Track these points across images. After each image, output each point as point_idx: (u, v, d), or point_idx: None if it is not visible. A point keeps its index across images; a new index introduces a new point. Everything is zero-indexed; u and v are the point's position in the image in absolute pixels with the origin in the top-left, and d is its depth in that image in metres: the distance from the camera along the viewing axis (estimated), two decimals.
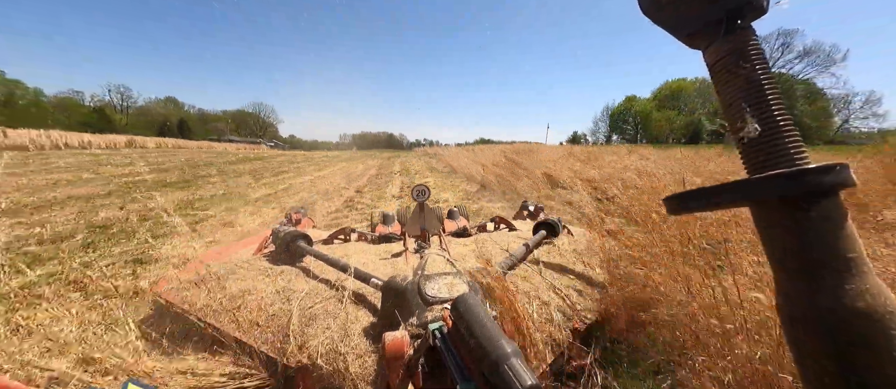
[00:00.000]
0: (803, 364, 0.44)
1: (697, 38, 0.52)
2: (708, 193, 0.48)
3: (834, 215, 0.42)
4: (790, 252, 0.44)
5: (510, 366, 0.70)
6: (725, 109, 0.50)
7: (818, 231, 0.42)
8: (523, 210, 3.58)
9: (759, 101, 0.46)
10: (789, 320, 0.45)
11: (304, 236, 2.20)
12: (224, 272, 1.94)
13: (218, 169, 14.14)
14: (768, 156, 0.46)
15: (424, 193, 2.42)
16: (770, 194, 0.44)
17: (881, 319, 0.39)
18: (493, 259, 1.95)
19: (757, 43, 0.48)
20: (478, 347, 0.77)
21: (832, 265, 0.42)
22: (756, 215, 0.48)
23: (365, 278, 1.67)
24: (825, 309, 0.41)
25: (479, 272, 1.56)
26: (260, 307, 1.63)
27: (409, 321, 1.21)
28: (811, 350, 0.43)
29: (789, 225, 0.44)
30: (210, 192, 8.50)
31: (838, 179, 0.41)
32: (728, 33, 0.48)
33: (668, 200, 0.53)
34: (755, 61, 0.47)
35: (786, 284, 0.45)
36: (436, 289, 1.30)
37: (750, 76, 0.47)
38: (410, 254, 2.22)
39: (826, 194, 0.43)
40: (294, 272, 1.95)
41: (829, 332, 0.41)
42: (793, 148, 0.45)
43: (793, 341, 0.46)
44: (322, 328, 1.46)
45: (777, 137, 0.46)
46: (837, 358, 0.40)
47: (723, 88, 0.50)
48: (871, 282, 0.41)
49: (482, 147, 25.73)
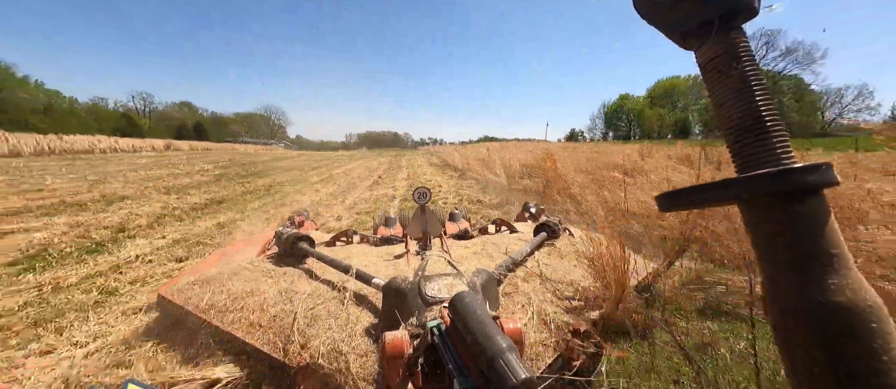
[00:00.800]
0: (792, 355, 0.45)
1: (690, 39, 0.53)
2: (697, 191, 0.50)
3: (818, 213, 0.44)
4: (777, 248, 0.46)
5: (505, 361, 0.72)
6: (716, 109, 0.52)
7: (803, 228, 0.44)
8: (525, 212, 3.59)
9: (748, 101, 0.48)
10: (779, 313, 0.46)
11: (307, 238, 2.24)
12: (228, 273, 1.96)
13: (264, 165, 17.88)
14: (756, 155, 0.48)
15: (426, 195, 2.45)
16: (758, 192, 0.46)
17: (862, 313, 0.41)
18: (494, 261, 2.04)
19: (747, 44, 0.49)
20: (474, 343, 0.79)
21: (817, 261, 0.43)
22: (744, 213, 0.50)
23: (366, 279, 1.70)
24: (813, 302, 0.42)
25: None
26: (263, 307, 1.66)
27: (409, 321, 1.23)
28: (800, 342, 0.44)
29: (776, 222, 0.45)
30: (278, 179, 11.73)
31: (822, 178, 0.43)
32: (719, 34, 0.49)
33: (659, 198, 0.55)
34: (745, 62, 0.48)
35: (773, 279, 0.47)
36: (436, 290, 1.33)
37: (740, 76, 0.48)
38: (412, 256, 2.25)
39: (810, 192, 0.44)
40: (297, 273, 1.99)
41: (817, 324, 0.42)
42: (780, 148, 0.47)
43: (781, 334, 0.47)
44: (324, 329, 1.48)
45: (765, 136, 0.47)
46: (825, 350, 0.42)
47: (714, 88, 0.52)
48: (852, 277, 0.43)
49: (474, 145, 28.61)
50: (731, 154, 0.51)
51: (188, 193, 8.21)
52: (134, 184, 9.14)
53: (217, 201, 7.40)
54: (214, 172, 13.56)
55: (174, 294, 1.82)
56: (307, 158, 28.73)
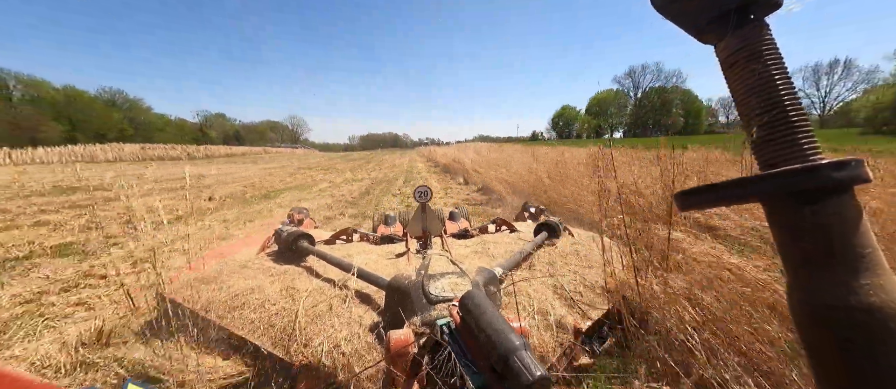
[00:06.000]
0: (822, 362, 0.44)
1: (709, 34, 0.51)
2: (718, 188, 0.47)
3: (848, 211, 0.42)
4: (804, 248, 0.43)
5: (519, 358, 0.72)
6: (738, 105, 0.50)
7: (832, 227, 0.41)
8: (525, 212, 3.59)
9: (771, 96, 0.46)
10: (807, 315, 0.44)
11: (308, 236, 2.25)
12: (228, 272, 1.97)
13: (329, 161, 27.41)
14: (781, 152, 0.45)
15: (426, 194, 2.44)
16: (782, 189, 0.43)
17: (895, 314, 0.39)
18: (495, 261, 2.04)
19: (770, 38, 0.47)
20: (487, 341, 0.79)
21: (846, 261, 0.41)
22: (768, 211, 0.47)
23: (368, 277, 1.70)
24: (845, 304, 0.40)
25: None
26: (264, 305, 1.66)
27: (412, 319, 1.24)
28: (829, 348, 0.42)
29: (803, 221, 0.43)
30: (355, 166, 18.87)
31: (852, 174, 0.40)
32: (739, 28, 0.47)
33: (677, 196, 0.52)
34: (767, 57, 0.46)
35: (800, 280, 0.45)
36: (440, 288, 1.33)
37: (762, 72, 0.46)
38: (413, 255, 2.25)
39: (839, 189, 0.42)
40: (297, 271, 1.99)
41: (850, 327, 0.40)
42: (806, 144, 0.44)
43: (807, 337, 0.45)
44: (326, 327, 1.49)
45: (789, 133, 0.45)
46: (852, 353, 0.40)
47: (734, 84, 0.49)
48: (885, 278, 0.40)
49: (461, 146, 31.11)
50: (753, 151, 0.49)
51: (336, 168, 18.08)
52: (315, 168, 17.11)
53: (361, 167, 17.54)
54: (317, 162, 22.62)
55: (176, 293, 1.80)
56: (334, 161, 32.60)
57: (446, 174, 12.78)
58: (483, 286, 1.48)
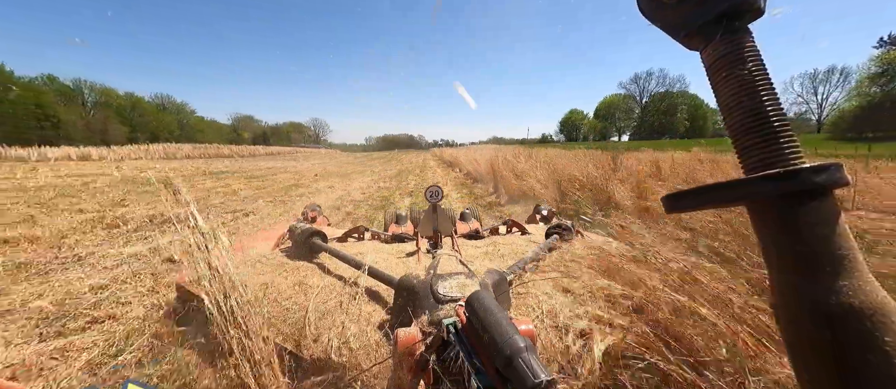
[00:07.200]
0: (803, 362, 0.45)
1: (695, 39, 0.53)
2: (704, 192, 0.49)
3: (827, 214, 0.43)
4: (786, 251, 0.45)
5: (524, 360, 0.72)
6: (722, 110, 0.51)
7: (812, 229, 0.43)
8: (536, 214, 3.60)
9: (755, 101, 0.47)
10: (789, 316, 0.46)
11: (320, 233, 2.29)
12: (244, 266, 2.01)
13: (356, 159, 29.17)
14: (764, 156, 0.47)
15: (437, 194, 2.46)
16: (765, 193, 0.45)
17: (874, 314, 0.40)
18: (505, 262, 2.05)
19: (753, 44, 0.49)
20: (491, 342, 0.79)
21: (827, 263, 0.42)
22: (752, 214, 0.49)
23: (378, 275, 1.72)
24: (824, 305, 0.42)
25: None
26: (277, 300, 1.70)
27: (420, 318, 1.25)
28: (809, 348, 0.44)
29: (784, 224, 0.45)
30: (383, 161, 23.51)
31: (831, 178, 0.42)
32: (725, 34, 0.49)
33: (665, 198, 0.54)
34: (751, 62, 0.48)
35: (782, 282, 0.46)
36: (448, 288, 1.34)
37: (746, 77, 0.48)
38: (423, 254, 2.27)
39: (819, 193, 0.44)
40: (310, 267, 2.03)
41: (829, 328, 0.41)
42: (788, 148, 0.46)
43: (789, 339, 0.46)
44: (336, 322, 1.51)
45: (772, 137, 0.47)
46: (837, 353, 0.41)
47: (719, 89, 0.51)
48: (864, 279, 0.42)
49: (474, 147, 33.13)
50: (737, 155, 0.51)
51: (366, 163, 23.69)
52: (352, 163, 23.05)
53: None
54: (354, 158, 28.73)
55: (193, 284, 1.83)
56: (359, 159, 35.89)
57: (470, 181, 12.52)
58: (492, 287, 1.48)
